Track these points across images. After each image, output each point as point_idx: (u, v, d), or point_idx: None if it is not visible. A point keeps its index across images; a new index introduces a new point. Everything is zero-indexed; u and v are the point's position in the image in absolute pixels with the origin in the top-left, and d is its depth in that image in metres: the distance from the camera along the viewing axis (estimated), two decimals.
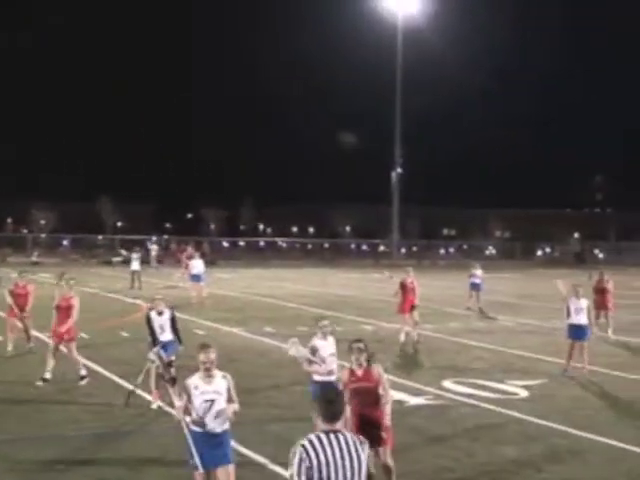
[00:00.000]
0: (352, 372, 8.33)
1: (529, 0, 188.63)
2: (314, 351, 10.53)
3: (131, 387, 13.39)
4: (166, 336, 13.56)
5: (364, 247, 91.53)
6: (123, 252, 42.14)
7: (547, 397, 14.49)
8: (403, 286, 21.34)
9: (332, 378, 10.30)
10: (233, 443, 10.97)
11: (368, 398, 8.17)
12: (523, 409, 13.37)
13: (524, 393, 14.70)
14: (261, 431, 11.75)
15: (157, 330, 13.55)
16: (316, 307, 29.66)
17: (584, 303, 16.96)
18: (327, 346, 10.60)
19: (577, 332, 16.87)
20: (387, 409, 8.44)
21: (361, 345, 8.48)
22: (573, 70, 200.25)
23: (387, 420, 8.41)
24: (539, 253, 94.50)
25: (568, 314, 17.02)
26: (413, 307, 21.21)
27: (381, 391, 8.37)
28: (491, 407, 13.48)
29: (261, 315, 26.85)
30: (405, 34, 72.70)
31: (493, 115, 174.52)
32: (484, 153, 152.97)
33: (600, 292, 23.49)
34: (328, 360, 10.48)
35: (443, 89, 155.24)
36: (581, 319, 16.84)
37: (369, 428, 7.92)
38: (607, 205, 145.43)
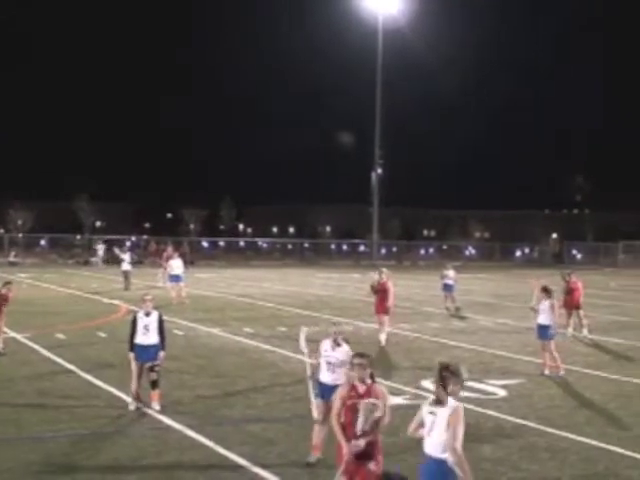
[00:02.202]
0: (353, 387, 7.82)
1: (505, 7, 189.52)
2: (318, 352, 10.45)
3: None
4: (150, 338, 13.05)
5: (344, 247, 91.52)
6: (116, 251, 41.87)
7: (525, 397, 14.56)
8: (376, 287, 21.23)
9: (336, 383, 10.17)
10: (211, 444, 11.01)
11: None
12: (501, 408, 13.43)
13: (502, 393, 14.76)
14: (240, 431, 11.73)
15: (140, 331, 13.04)
16: (295, 307, 29.65)
17: (547, 303, 17.13)
18: (337, 353, 10.26)
19: (540, 332, 17.27)
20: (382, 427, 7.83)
21: (363, 361, 7.86)
22: (554, 67, 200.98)
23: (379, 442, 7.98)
24: (518, 254, 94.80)
25: (537, 314, 17.36)
26: (386, 310, 21.00)
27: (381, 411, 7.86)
28: (469, 407, 13.50)
29: (240, 315, 26.80)
30: (385, 34, 72.80)
31: (473, 116, 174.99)
32: (464, 154, 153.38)
33: (570, 292, 23.65)
34: (337, 369, 10.18)
35: (424, 89, 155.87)
36: (543, 319, 17.09)
37: (365, 449, 7.71)
38: (585, 206, 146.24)
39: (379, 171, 76.51)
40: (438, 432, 6.78)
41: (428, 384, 15.32)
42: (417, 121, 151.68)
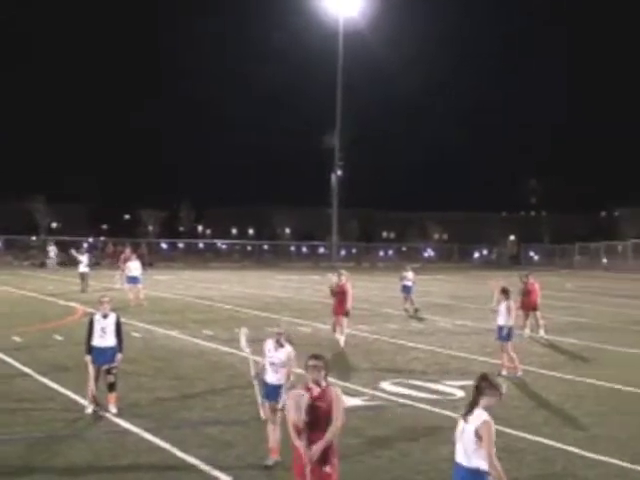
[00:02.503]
0: (308, 389, 7.68)
1: (468, 2, 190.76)
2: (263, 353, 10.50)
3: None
4: (107, 341, 12.88)
5: (304, 249, 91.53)
6: (73, 252, 41.40)
7: None
8: (335, 289, 21.20)
9: (282, 383, 10.21)
10: (168, 446, 10.95)
11: (321, 419, 7.66)
12: (459, 409, 13.47)
13: (460, 393, 14.84)
14: (198, 434, 11.68)
15: (97, 333, 12.87)
16: (254, 309, 29.59)
17: (503, 305, 17.30)
18: (279, 353, 10.35)
19: (498, 332, 17.45)
20: (334, 431, 7.59)
21: (318, 363, 7.73)
22: (510, 71, 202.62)
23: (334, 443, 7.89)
24: (476, 255, 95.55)
25: (496, 315, 17.59)
26: (345, 312, 20.92)
27: (334, 413, 7.78)
28: (428, 407, 13.60)
29: (199, 317, 26.68)
30: (346, 36, 72.95)
31: (431, 117, 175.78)
32: (424, 155, 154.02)
33: (527, 294, 23.89)
34: (280, 369, 10.26)
35: (385, 90, 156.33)
36: (500, 320, 17.27)
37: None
38: (542, 208, 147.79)
39: (339, 173, 76.66)
40: (466, 441, 6.79)
41: (387, 385, 15.40)
42: (377, 123, 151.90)
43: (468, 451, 6.76)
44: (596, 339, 23.00)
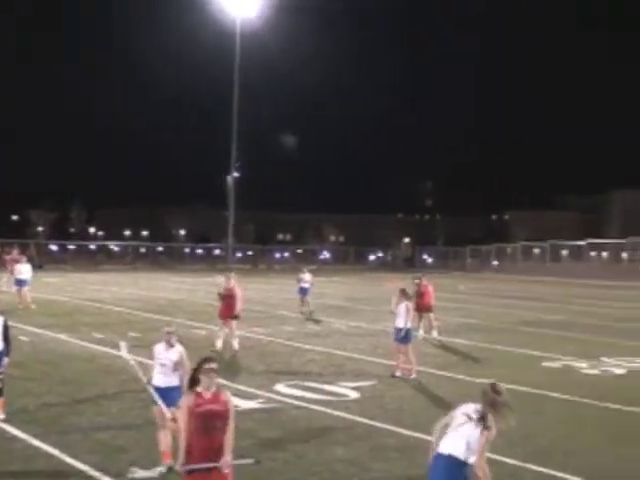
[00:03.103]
0: (199, 395, 7.50)
1: (365, 3, 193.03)
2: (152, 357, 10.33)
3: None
4: None
5: (199, 251, 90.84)
6: None
7: (376, 398, 14.77)
8: (224, 293, 20.71)
9: (174, 385, 10.07)
10: (57, 452, 10.63)
11: (216, 423, 7.52)
12: (353, 410, 13.57)
13: (354, 395, 14.92)
14: (88, 439, 11.39)
15: None
16: (147, 312, 29.16)
17: (402, 307, 17.48)
18: (170, 354, 10.28)
19: (395, 334, 17.55)
20: (233, 434, 7.74)
21: (213, 366, 7.56)
22: (406, 74, 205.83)
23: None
24: (372, 257, 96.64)
25: (395, 317, 17.68)
26: (234, 315, 20.55)
27: (229, 416, 7.65)
28: (322, 409, 13.61)
29: (89, 320, 26.13)
30: (243, 37, 72.69)
31: (327, 120, 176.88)
32: (319, 158, 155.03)
33: (420, 295, 24.20)
34: (170, 371, 10.18)
35: (281, 92, 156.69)
36: (398, 322, 17.41)
37: (214, 455, 7.47)
38: (436, 211, 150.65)
39: (235, 174, 76.32)
40: (460, 434, 7.28)
41: (282, 388, 15.34)
42: (274, 124, 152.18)
43: (454, 442, 7.28)
44: (487, 339, 23.49)
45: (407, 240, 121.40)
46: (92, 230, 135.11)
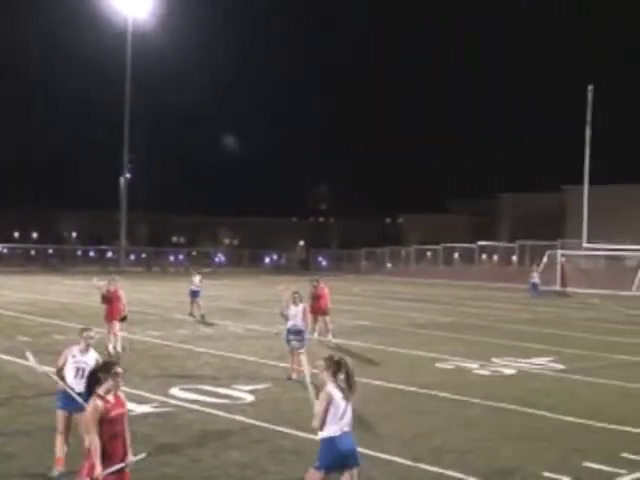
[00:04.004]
0: (105, 400, 7.52)
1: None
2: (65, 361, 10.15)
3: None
4: None
5: (91, 253, 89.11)
6: None
7: (271, 401, 14.81)
8: (108, 295, 20.39)
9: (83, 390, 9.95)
10: None
11: (122, 425, 7.61)
12: (248, 413, 13.58)
13: (250, 398, 14.93)
14: None
15: None
16: (39, 316, 28.49)
17: (297, 309, 17.57)
18: (87, 358, 10.22)
19: (289, 336, 17.54)
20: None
21: (120, 370, 7.81)
22: (298, 73, 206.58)
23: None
24: (267, 260, 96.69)
25: (286, 319, 17.71)
26: (123, 317, 20.36)
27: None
28: (218, 412, 13.58)
29: None
30: (135, 37, 71.83)
31: (220, 120, 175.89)
32: (213, 160, 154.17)
33: (317, 298, 24.36)
34: (84, 373, 10.01)
35: (175, 92, 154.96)
36: (294, 324, 17.50)
37: (123, 456, 7.52)
38: (330, 215, 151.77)
39: (128, 175, 75.30)
40: (349, 413, 8.04)
41: (177, 391, 15.23)
42: (167, 125, 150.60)
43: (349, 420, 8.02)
44: (381, 341, 23.81)
45: (302, 243, 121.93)
46: None
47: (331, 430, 7.91)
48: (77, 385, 10.01)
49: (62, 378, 10.12)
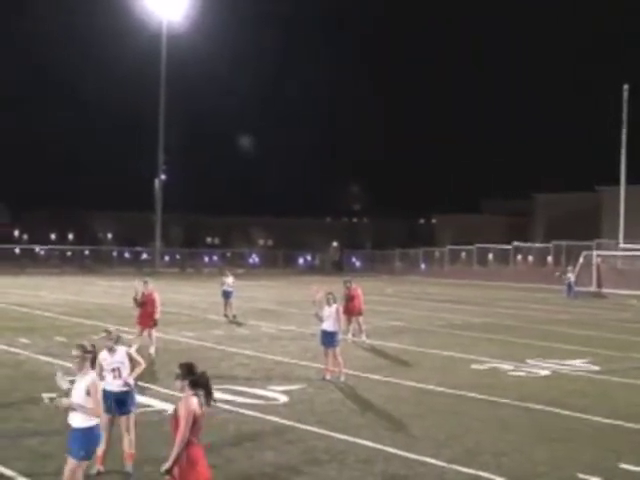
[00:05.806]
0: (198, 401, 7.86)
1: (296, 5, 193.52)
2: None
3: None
4: None
5: (126, 255, 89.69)
6: None
7: (305, 402, 14.86)
8: (142, 299, 20.28)
9: (124, 390, 10.28)
10: None
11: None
12: (282, 414, 13.64)
13: (284, 398, 14.99)
14: (15, 445, 11.25)
15: None
16: (75, 316, 28.78)
17: (330, 310, 17.57)
18: (117, 357, 10.46)
19: (324, 338, 17.56)
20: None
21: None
22: (339, 82, 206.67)
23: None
24: (300, 261, 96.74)
25: (320, 320, 17.69)
26: (154, 322, 20.20)
27: None
28: (252, 413, 13.64)
29: (15, 325, 25.65)
30: (169, 40, 72.22)
31: (255, 122, 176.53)
32: (248, 161, 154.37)
33: (350, 299, 24.35)
34: (119, 372, 10.35)
35: (209, 94, 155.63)
36: (329, 326, 17.47)
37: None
38: (364, 215, 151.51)
39: (163, 177, 75.73)
40: None
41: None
42: (202, 128, 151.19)
43: None
44: (415, 342, 23.79)
45: (335, 244, 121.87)
46: (17, 233, 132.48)
47: None
48: (116, 386, 10.28)
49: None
